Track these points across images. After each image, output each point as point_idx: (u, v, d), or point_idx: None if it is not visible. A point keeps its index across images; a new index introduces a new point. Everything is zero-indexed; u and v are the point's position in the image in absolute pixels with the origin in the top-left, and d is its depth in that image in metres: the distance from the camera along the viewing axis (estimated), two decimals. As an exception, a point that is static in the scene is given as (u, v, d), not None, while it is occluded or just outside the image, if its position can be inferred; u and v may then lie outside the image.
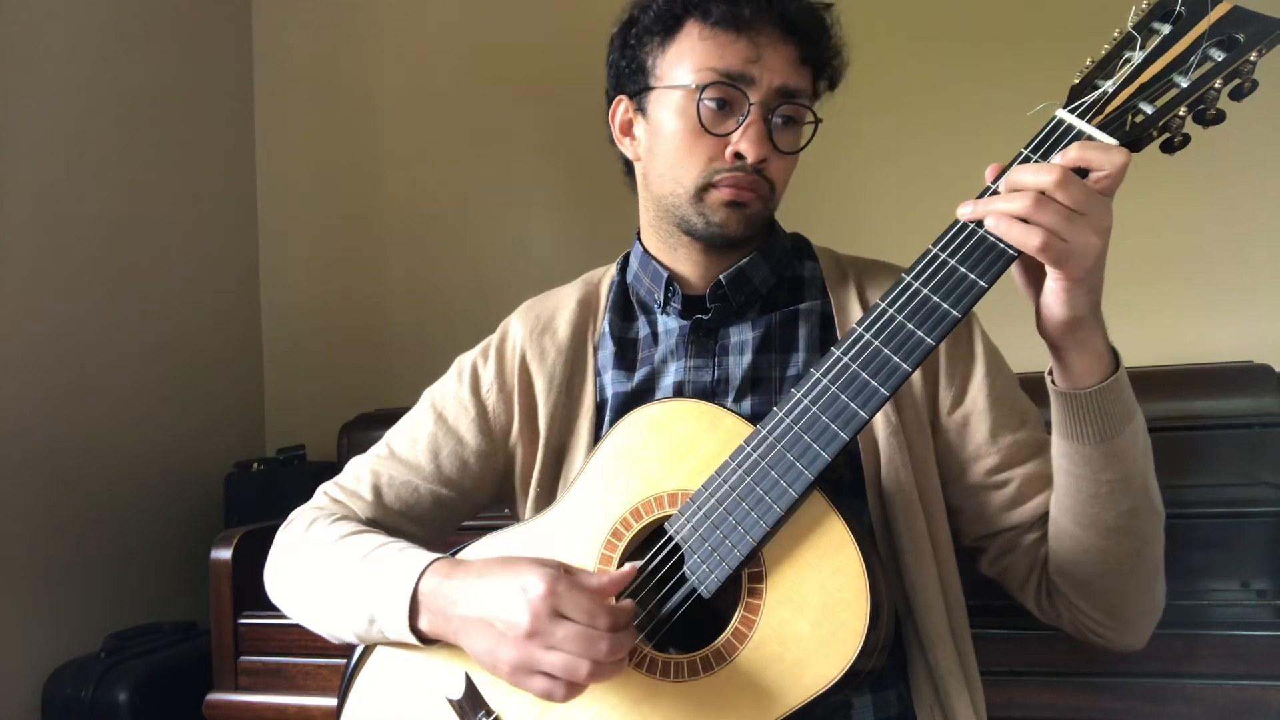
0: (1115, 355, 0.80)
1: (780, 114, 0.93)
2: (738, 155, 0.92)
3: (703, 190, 0.94)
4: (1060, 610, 0.92)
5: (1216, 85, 0.72)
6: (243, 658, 1.67)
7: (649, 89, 0.97)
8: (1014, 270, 0.77)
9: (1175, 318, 1.91)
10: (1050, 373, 0.82)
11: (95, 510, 2.04)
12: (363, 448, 1.08)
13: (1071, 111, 0.76)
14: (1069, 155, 0.73)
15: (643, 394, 0.99)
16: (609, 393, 1.01)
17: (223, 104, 2.49)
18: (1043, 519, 0.91)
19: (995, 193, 0.76)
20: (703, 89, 0.91)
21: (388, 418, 1.13)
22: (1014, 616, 1.41)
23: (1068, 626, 0.92)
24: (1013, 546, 0.94)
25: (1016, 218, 0.72)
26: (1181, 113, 0.73)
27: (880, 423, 0.94)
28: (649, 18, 0.96)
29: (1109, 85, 0.75)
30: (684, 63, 0.94)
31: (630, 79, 0.99)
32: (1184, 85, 0.73)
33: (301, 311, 2.55)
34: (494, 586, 0.79)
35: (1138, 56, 0.75)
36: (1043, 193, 0.71)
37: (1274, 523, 1.40)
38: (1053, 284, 0.75)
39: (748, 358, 0.97)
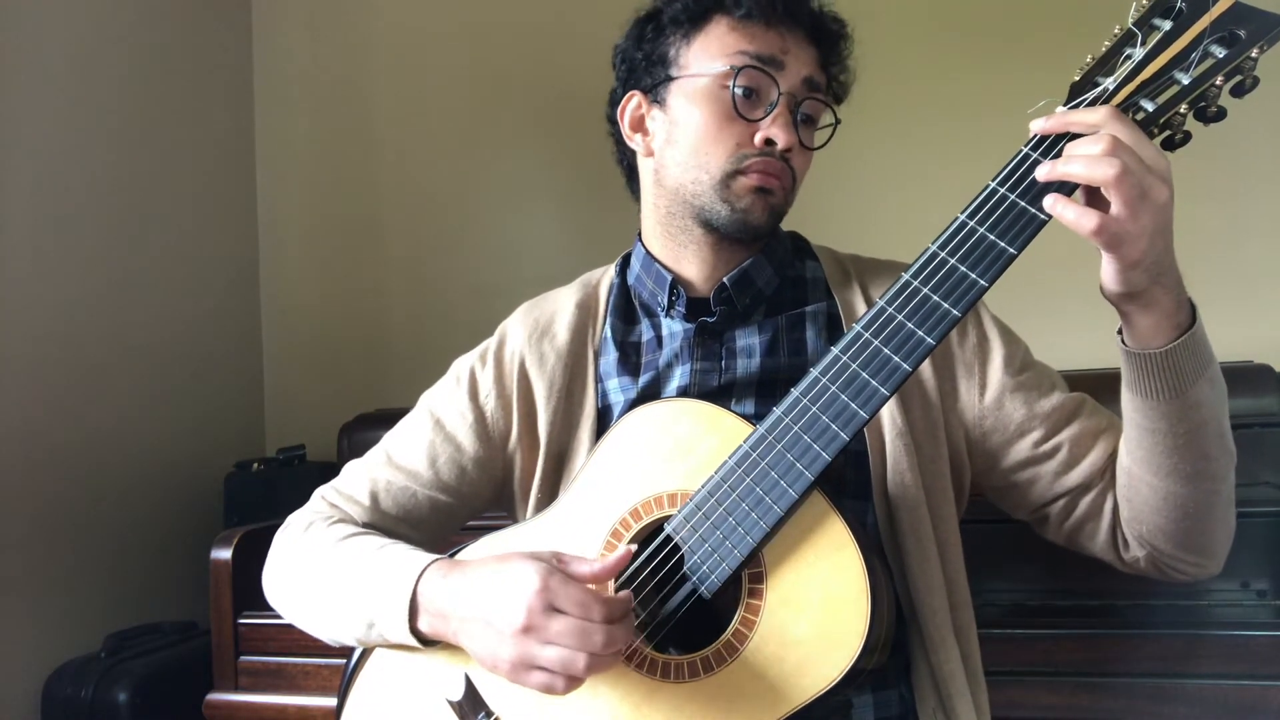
0: (1191, 308, 0.78)
1: (803, 110, 0.94)
2: (768, 141, 0.92)
3: (730, 177, 0.93)
4: (1141, 557, 0.90)
5: (1218, 82, 0.72)
6: (243, 658, 1.67)
7: (669, 79, 0.97)
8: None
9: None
10: (1120, 331, 0.81)
11: (95, 510, 2.04)
12: (363, 448, 1.07)
13: (1072, 109, 0.76)
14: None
15: (647, 398, 0.98)
16: (612, 398, 1.00)
17: (223, 104, 2.49)
18: (1099, 473, 0.91)
19: (1037, 160, 0.74)
20: (738, 71, 0.92)
21: (388, 418, 1.12)
22: (1015, 616, 1.42)
23: (1150, 570, 0.91)
24: (1075, 506, 0.93)
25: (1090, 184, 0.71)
26: (1182, 110, 0.73)
27: (886, 424, 0.93)
28: (674, 10, 0.96)
29: (1110, 82, 0.75)
30: (711, 51, 0.94)
31: (647, 72, 0.99)
32: (1185, 82, 0.73)
33: (301, 311, 2.55)
34: (490, 585, 0.79)
35: (1138, 53, 0.74)
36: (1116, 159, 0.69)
37: (1274, 523, 1.40)
38: (1107, 264, 0.74)
39: (756, 361, 0.97)
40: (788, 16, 0.93)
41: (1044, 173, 0.73)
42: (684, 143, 0.95)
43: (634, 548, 0.82)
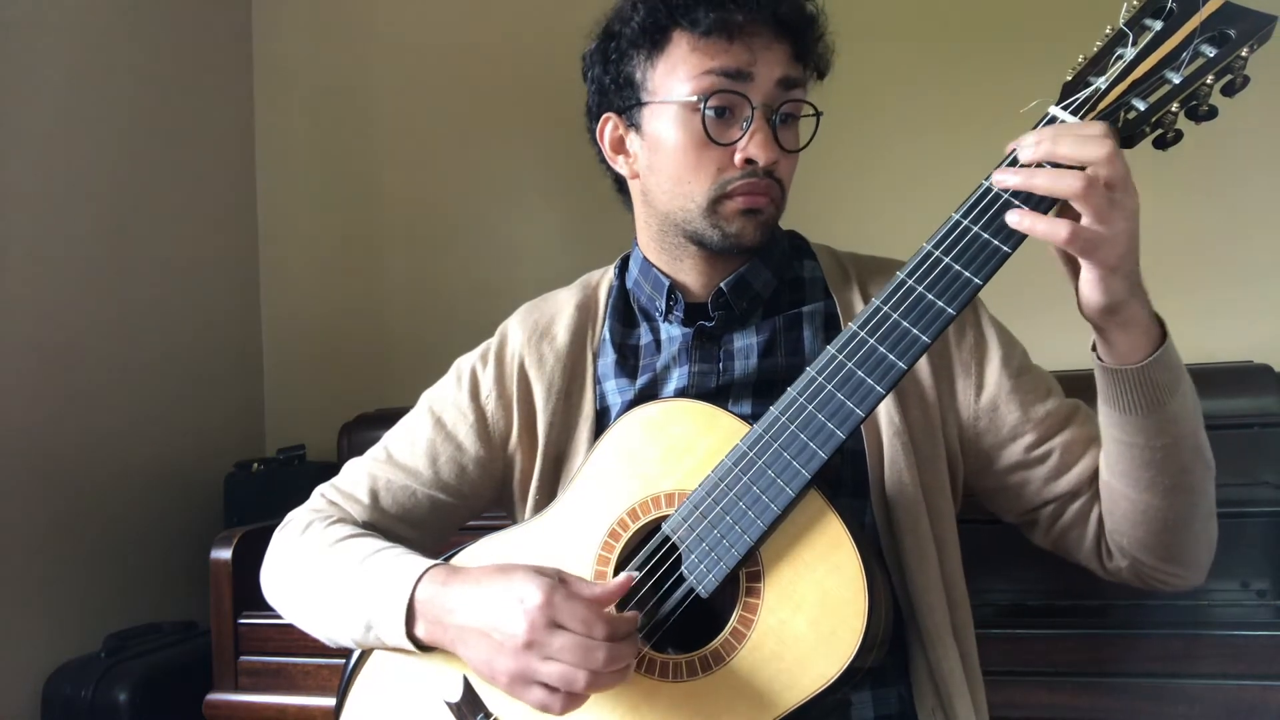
0: (1161, 325, 0.79)
1: (781, 113, 0.92)
2: (748, 161, 0.90)
3: (716, 202, 0.92)
4: (1123, 567, 0.91)
5: (1208, 81, 0.72)
6: (243, 658, 1.67)
7: (641, 104, 0.95)
8: (1054, 251, 0.75)
9: (1175, 318, 1.87)
10: (1094, 347, 0.81)
11: (95, 510, 2.04)
12: (363, 448, 1.07)
13: (1065, 108, 0.76)
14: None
15: (646, 400, 0.97)
16: (610, 400, 1.01)
17: (223, 104, 2.49)
18: (1088, 481, 0.91)
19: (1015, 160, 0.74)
20: (705, 98, 0.89)
21: (388, 418, 1.13)
22: (1014, 616, 1.42)
23: (1133, 580, 0.92)
24: (1063, 513, 0.93)
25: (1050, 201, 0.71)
26: (1174, 109, 0.74)
27: (884, 423, 0.93)
28: (632, 31, 0.93)
29: (1101, 82, 0.75)
30: (677, 74, 0.91)
31: (618, 95, 0.97)
32: (1176, 81, 0.73)
33: (302, 312, 2.55)
34: (490, 596, 0.79)
35: (1130, 53, 0.75)
36: (1086, 171, 0.69)
37: (1274, 523, 1.40)
38: (1087, 274, 0.74)
39: (753, 362, 0.97)
40: (749, 25, 0.89)
41: (1011, 181, 0.73)
42: (665, 170, 0.94)
43: (636, 575, 0.82)
